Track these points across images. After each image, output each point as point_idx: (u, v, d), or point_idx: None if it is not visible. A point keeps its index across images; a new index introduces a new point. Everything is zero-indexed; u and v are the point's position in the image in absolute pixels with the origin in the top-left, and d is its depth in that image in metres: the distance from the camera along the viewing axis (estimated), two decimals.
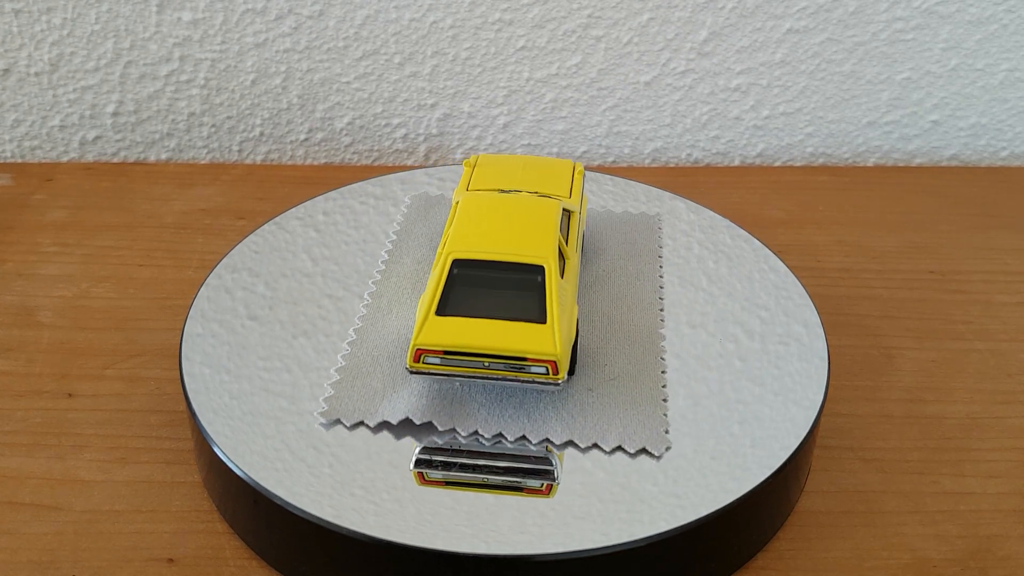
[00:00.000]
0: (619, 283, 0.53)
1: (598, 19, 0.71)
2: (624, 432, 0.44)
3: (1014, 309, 0.61)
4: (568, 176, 0.52)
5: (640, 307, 0.51)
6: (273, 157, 0.76)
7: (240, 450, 0.43)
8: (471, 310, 0.44)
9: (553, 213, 0.48)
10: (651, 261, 0.55)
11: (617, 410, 0.45)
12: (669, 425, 0.44)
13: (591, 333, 0.49)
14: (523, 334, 0.43)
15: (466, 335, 0.43)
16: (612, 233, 0.57)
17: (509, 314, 0.43)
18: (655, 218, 0.58)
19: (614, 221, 0.58)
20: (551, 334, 0.43)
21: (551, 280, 0.44)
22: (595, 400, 0.45)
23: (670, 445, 0.43)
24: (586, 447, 0.43)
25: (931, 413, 0.53)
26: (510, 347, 0.42)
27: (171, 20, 0.69)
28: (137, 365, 0.54)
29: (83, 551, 0.44)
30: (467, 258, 0.45)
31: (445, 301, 0.44)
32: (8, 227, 0.65)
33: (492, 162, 0.53)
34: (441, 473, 0.42)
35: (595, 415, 0.45)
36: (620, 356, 0.48)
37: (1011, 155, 0.78)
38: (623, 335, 0.49)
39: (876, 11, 0.72)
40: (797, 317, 0.51)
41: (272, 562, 0.44)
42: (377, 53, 0.72)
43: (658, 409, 0.45)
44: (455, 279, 0.44)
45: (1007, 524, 0.47)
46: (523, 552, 0.39)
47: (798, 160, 0.77)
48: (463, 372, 0.43)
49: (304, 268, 0.54)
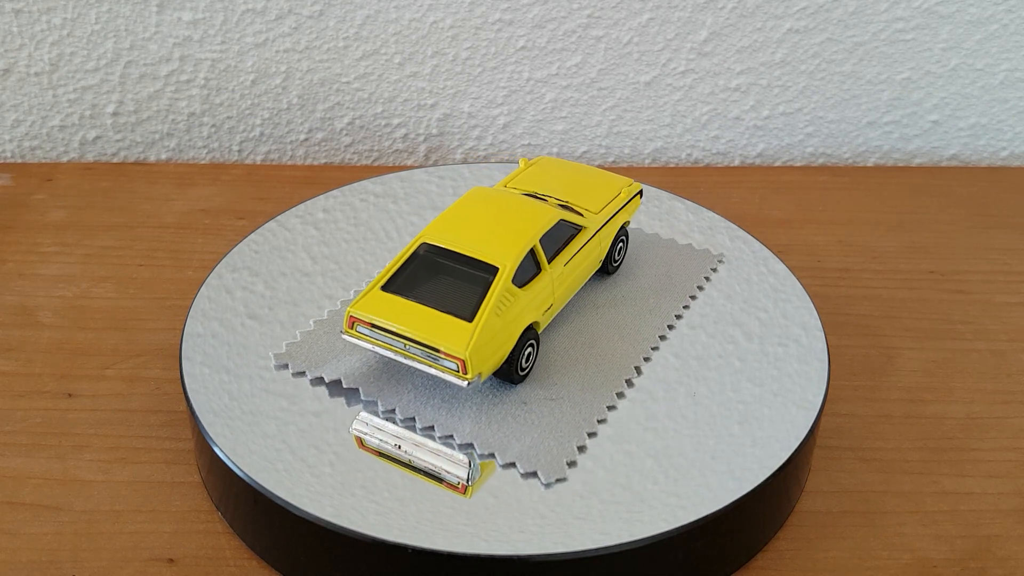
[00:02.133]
0: (627, 312, 0.51)
1: (598, 19, 0.71)
2: (525, 451, 0.43)
3: (1014, 309, 0.61)
4: (612, 194, 0.52)
5: (633, 338, 0.49)
6: (273, 157, 0.76)
7: (240, 450, 0.43)
8: (412, 293, 0.44)
9: (542, 221, 0.47)
10: (677, 299, 0.52)
11: (532, 429, 0.44)
12: (577, 458, 0.43)
13: (565, 352, 0.48)
14: (444, 327, 0.43)
15: (393, 314, 0.44)
16: (657, 261, 0.55)
17: (443, 305, 0.44)
18: (715, 258, 0.55)
19: (669, 251, 0.55)
20: (468, 334, 0.43)
21: (499, 283, 0.44)
22: (521, 414, 0.45)
23: (565, 477, 0.42)
24: (482, 454, 0.43)
25: (931, 413, 0.53)
26: (426, 336, 0.43)
27: (171, 20, 0.69)
28: (137, 365, 0.54)
29: (83, 551, 0.44)
30: (434, 244, 0.46)
31: (395, 279, 0.45)
32: (8, 227, 0.65)
33: (546, 166, 0.53)
34: (376, 443, 0.43)
35: (510, 427, 0.44)
36: (576, 380, 0.47)
37: (1011, 155, 0.78)
38: (595, 361, 0.48)
39: (876, 11, 0.72)
40: (796, 318, 0.51)
41: (272, 562, 0.44)
42: (377, 53, 0.72)
43: (574, 440, 0.43)
44: (416, 260, 0.46)
45: (1007, 524, 0.47)
46: (523, 552, 0.39)
47: (798, 160, 0.78)
48: (386, 349, 0.44)
49: (304, 267, 0.54)
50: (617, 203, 0.52)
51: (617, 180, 0.53)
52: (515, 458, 0.43)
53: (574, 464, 0.43)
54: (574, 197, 0.51)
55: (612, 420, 0.45)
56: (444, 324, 0.43)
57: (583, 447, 0.43)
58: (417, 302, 0.44)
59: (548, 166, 0.54)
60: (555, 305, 0.48)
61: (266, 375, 0.47)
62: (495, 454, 0.43)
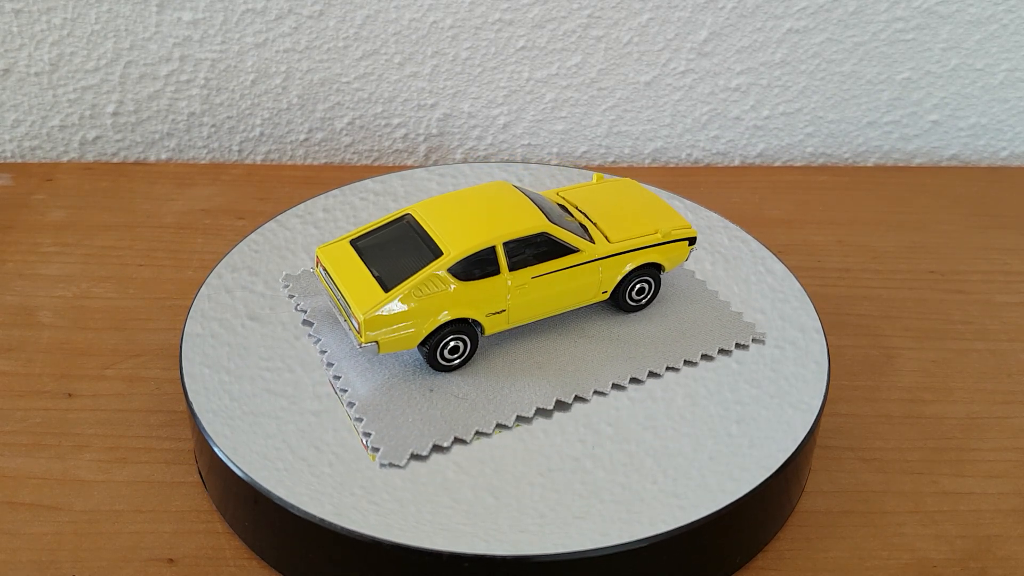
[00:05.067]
0: (606, 348, 0.48)
1: (598, 19, 0.71)
2: (385, 428, 0.44)
3: (1014, 309, 0.61)
4: (648, 231, 0.49)
5: (591, 371, 0.47)
6: (273, 157, 0.76)
7: (240, 450, 0.43)
8: (368, 253, 0.47)
9: (517, 227, 0.46)
10: (673, 356, 0.48)
11: (413, 413, 0.45)
12: (430, 455, 0.43)
13: (513, 361, 0.47)
14: (365, 290, 0.45)
15: (340, 266, 0.47)
16: (682, 312, 0.50)
17: (379, 271, 0.46)
18: (751, 332, 0.50)
19: (703, 304, 0.51)
20: (375, 302, 0.44)
21: (433, 267, 0.45)
22: (417, 397, 0.45)
23: (401, 465, 0.42)
24: (356, 416, 0.44)
25: (931, 413, 0.53)
26: (347, 293, 0.45)
27: (171, 20, 0.69)
28: (137, 365, 0.54)
29: (83, 551, 0.44)
30: (415, 217, 0.47)
31: (365, 237, 0.48)
32: (8, 227, 0.65)
33: (614, 187, 0.52)
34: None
35: (397, 405, 0.45)
36: (498, 389, 0.46)
37: (1011, 155, 0.78)
38: (533, 379, 0.46)
39: (876, 11, 0.72)
40: (794, 319, 0.51)
41: (272, 562, 0.44)
42: (377, 53, 0.72)
43: (437, 438, 0.43)
44: (392, 226, 0.48)
45: (1007, 524, 0.47)
46: (523, 552, 0.39)
47: (798, 160, 0.78)
48: (329, 294, 0.48)
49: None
50: (646, 240, 0.49)
51: (671, 221, 0.50)
52: (373, 430, 0.44)
53: (421, 458, 0.43)
54: (604, 221, 0.49)
55: (612, 420, 0.45)
56: (367, 287, 0.45)
57: (443, 447, 0.43)
58: (364, 262, 0.46)
59: (615, 187, 0.53)
60: (511, 313, 0.47)
61: (266, 375, 0.47)
62: (362, 419, 0.44)
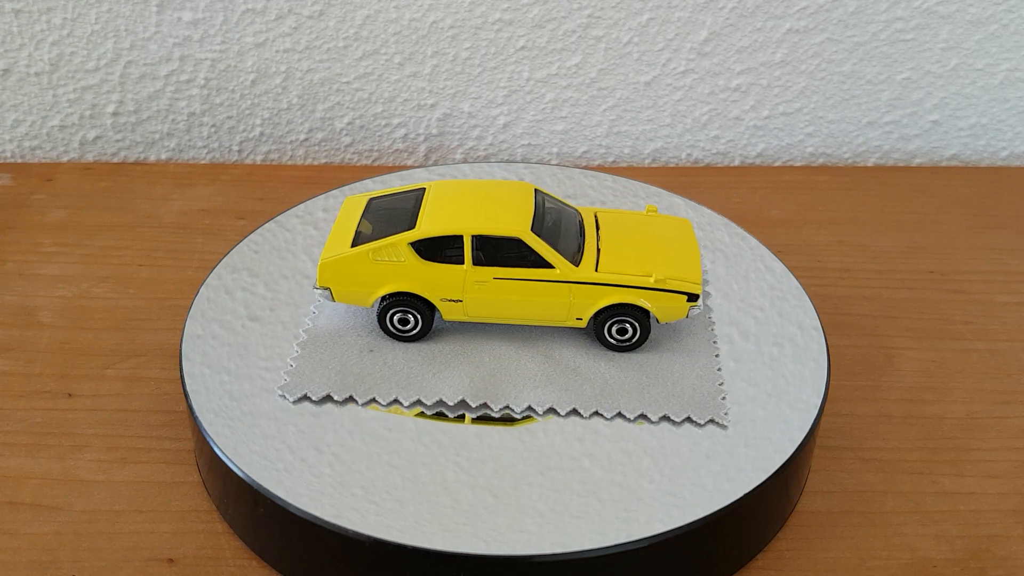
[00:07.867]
0: (564, 380, 0.47)
1: (598, 19, 0.71)
2: (301, 368, 0.47)
3: (1014, 309, 0.61)
4: (637, 278, 0.47)
5: (584, 406, 0.46)
6: (273, 157, 0.76)
7: (240, 450, 0.43)
8: (369, 211, 0.50)
9: (495, 226, 0.47)
10: (661, 410, 0.46)
11: (332, 361, 0.47)
12: (317, 399, 0.46)
13: (478, 360, 0.48)
14: (340, 241, 0.49)
15: (343, 216, 0.50)
16: (660, 365, 0.48)
17: (363, 229, 0.49)
18: (721, 409, 0.46)
19: (683, 366, 0.48)
20: (336, 252, 0.48)
21: (399, 238, 0.47)
22: (351, 353, 0.48)
23: (281, 395, 0.46)
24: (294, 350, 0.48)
25: (931, 413, 0.53)
26: (328, 238, 0.49)
27: (171, 20, 0.69)
28: (137, 365, 0.54)
29: (83, 551, 0.44)
30: (425, 192, 0.50)
31: (380, 199, 0.51)
32: (8, 227, 0.65)
33: (655, 222, 0.51)
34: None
35: (326, 352, 0.48)
36: (428, 377, 0.47)
37: (1011, 155, 0.78)
38: (465, 379, 0.47)
39: (876, 11, 0.72)
40: (792, 317, 0.51)
41: (272, 562, 0.44)
42: (377, 53, 0.72)
43: (327, 389, 0.46)
44: (403, 195, 0.51)
45: (1007, 524, 0.47)
46: (522, 552, 0.39)
47: (798, 160, 0.77)
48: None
49: (304, 268, 0.54)
50: (634, 281, 0.47)
51: (679, 271, 0.48)
52: (295, 363, 0.47)
53: (313, 401, 0.46)
54: (610, 250, 0.48)
55: (611, 420, 0.45)
56: (343, 239, 0.48)
57: (337, 400, 0.46)
58: (362, 217, 0.50)
59: (663, 223, 0.51)
60: (468, 306, 0.48)
61: (266, 375, 0.47)
62: (299, 352, 0.48)
